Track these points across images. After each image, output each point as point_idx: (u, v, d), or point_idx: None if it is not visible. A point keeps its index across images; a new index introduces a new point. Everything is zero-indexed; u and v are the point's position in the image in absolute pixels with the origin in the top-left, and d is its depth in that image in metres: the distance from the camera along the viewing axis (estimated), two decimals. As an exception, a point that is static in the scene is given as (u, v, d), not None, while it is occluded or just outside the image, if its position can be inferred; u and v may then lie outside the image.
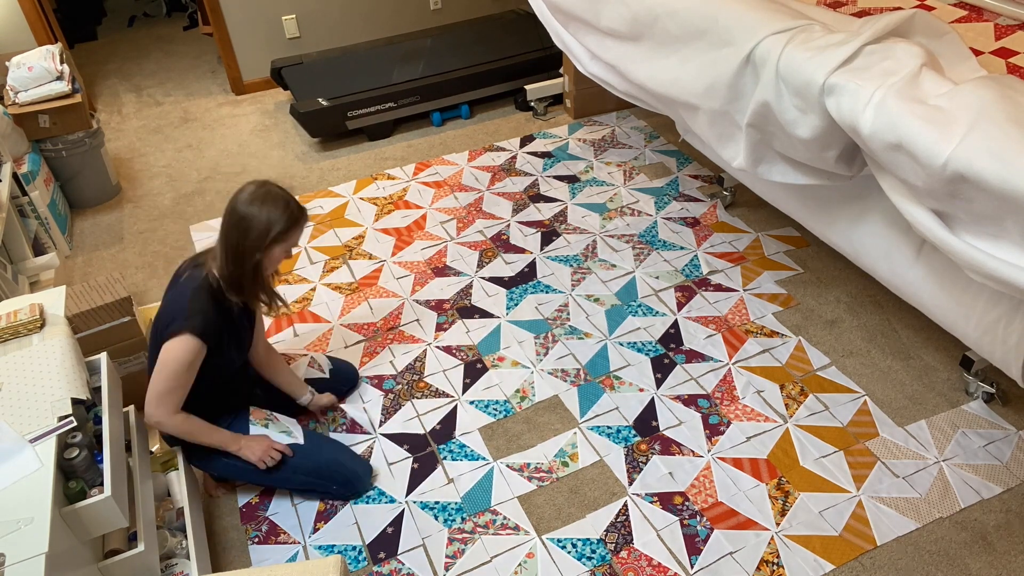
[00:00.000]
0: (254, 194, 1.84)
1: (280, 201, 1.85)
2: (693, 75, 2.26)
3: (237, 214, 1.83)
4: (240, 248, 1.85)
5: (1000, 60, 2.21)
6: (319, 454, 2.11)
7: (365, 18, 4.55)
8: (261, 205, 1.83)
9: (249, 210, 1.83)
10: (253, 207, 1.83)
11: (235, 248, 1.85)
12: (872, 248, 2.27)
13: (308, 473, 2.08)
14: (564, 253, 3.02)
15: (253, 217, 1.83)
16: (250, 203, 1.83)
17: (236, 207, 1.84)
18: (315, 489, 2.12)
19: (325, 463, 2.10)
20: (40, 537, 1.38)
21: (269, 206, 1.83)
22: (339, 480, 2.11)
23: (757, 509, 2.07)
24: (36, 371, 1.71)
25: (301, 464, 2.08)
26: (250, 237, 1.84)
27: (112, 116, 4.35)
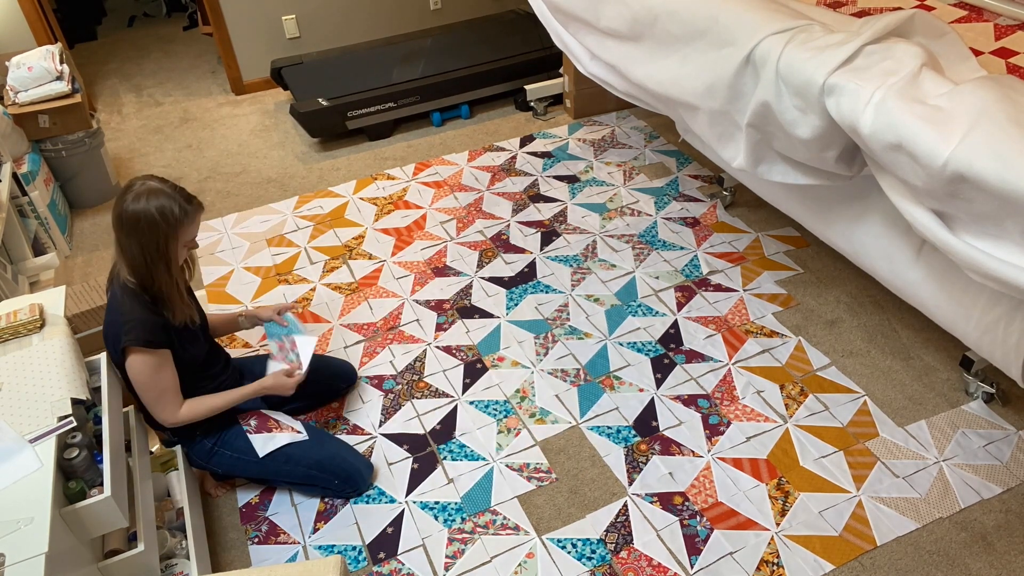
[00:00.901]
0: (138, 191, 1.76)
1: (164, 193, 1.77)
2: (693, 75, 2.26)
3: (127, 216, 1.75)
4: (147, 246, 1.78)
5: (1000, 60, 2.21)
6: (322, 448, 2.11)
7: (365, 18, 4.55)
8: (147, 201, 1.75)
9: (137, 208, 1.75)
10: (139, 204, 1.75)
11: (135, 252, 1.79)
12: (872, 248, 2.27)
13: (311, 466, 2.08)
14: (564, 253, 3.02)
15: (143, 215, 1.75)
16: (136, 201, 1.75)
17: (124, 209, 1.76)
18: (316, 484, 2.12)
19: (328, 457, 2.10)
20: (40, 537, 1.38)
21: (157, 200, 1.75)
22: (341, 475, 2.11)
23: (757, 509, 2.07)
24: (36, 371, 1.71)
25: (304, 457, 2.08)
26: (147, 237, 1.76)
27: (112, 116, 4.35)
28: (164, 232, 1.77)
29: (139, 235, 1.76)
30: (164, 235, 1.78)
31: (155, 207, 1.75)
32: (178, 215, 1.78)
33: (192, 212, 1.82)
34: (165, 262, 1.81)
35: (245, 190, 3.58)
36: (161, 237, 1.78)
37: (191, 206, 1.81)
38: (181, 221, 1.79)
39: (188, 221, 1.81)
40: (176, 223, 1.78)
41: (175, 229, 1.79)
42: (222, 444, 2.05)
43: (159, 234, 1.77)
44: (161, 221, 1.76)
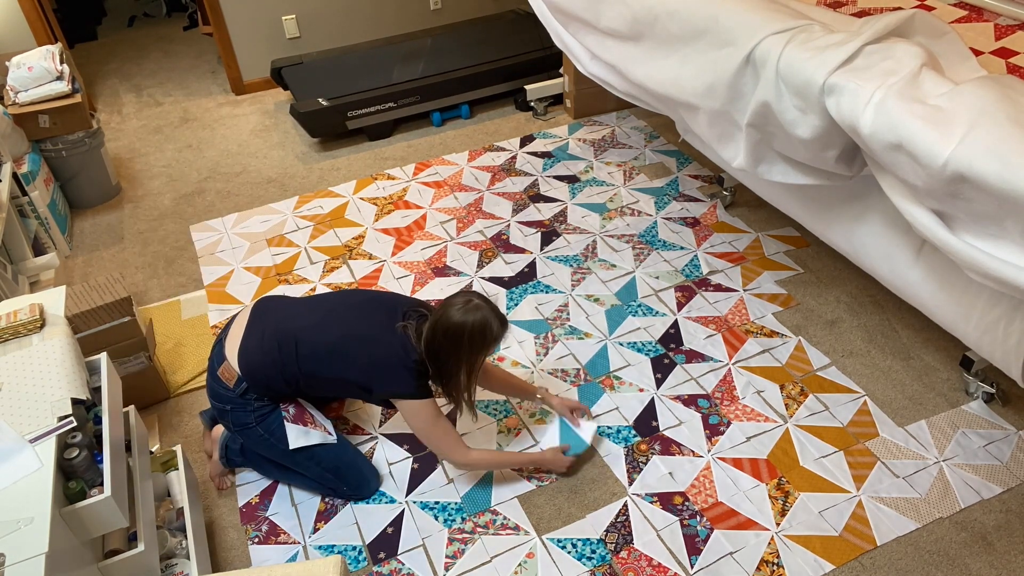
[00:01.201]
0: (466, 304, 1.90)
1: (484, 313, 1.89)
2: (693, 75, 2.26)
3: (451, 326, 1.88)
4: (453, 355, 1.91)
5: (1000, 60, 2.21)
6: (343, 453, 2.13)
7: (365, 18, 4.55)
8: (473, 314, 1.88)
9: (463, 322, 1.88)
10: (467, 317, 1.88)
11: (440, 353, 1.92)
12: (872, 248, 2.27)
13: (328, 468, 2.10)
14: (564, 253, 3.02)
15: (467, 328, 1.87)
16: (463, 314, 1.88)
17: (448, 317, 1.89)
18: (326, 484, 2.13)
19: (346, 464, 2.13)
20: (40, 537, 1.37)
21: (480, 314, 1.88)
22: (352, 482, 2.13)
23: (757, 509, 2.07)
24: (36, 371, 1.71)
25: (325, 458, 2.10)
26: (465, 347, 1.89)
27: (112, 116, 4.35)
28: (479, 346, 1.90)
29: (458, 341, 1.89)
30: (478, 348, 1.91)
31: (476, 321, 1.88)
32: (492, 334, 1.90)
33: (501, 336, 1.93)
34: (468, 368, 1.94)
35: (245, 190, 3.58)
36: (478, 348, 1.91)
37: (503, 329, 1.93)
38: (495, 340, 1.92)
39: (496, 342, 1.93)
40: (491, 341, 1.91)
41: (487, 346, 1.91)
42: (260, 422, 2.03)
43: (476, 345, 1.90)
44: (478, 336, 1.89)
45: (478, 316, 1.87)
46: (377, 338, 1.96)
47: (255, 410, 2.03)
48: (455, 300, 1.91)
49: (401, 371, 1.94)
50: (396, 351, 1.94)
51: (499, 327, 1.91)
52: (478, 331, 1.88)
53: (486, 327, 1.88)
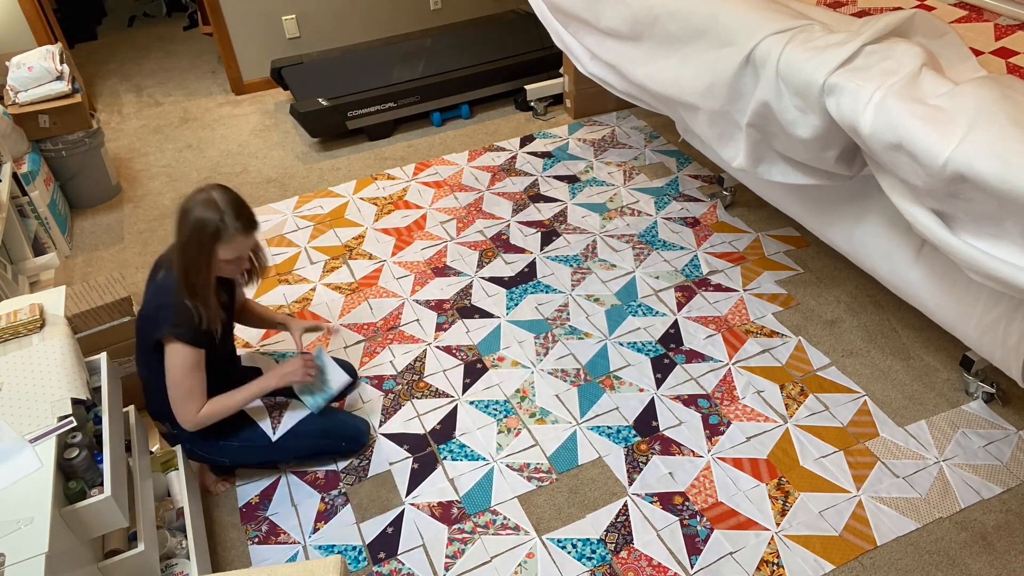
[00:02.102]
0: (197, 197, 1.82)
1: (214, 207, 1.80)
2: (693, 75, 2.26)
3: (180, 211, 1.82)
4: (188, 251, 1.83)
5: (1000, 60, 2.21)
6: (324, 417, 2.17)
7: (365, 18, 4.55)
8: (199, 208, 1.80)
9: (186, 208, 1.81)
10: (191, 205, 1.81)
11: (184, 251, 1.84)
12: (872, 248, 2.27)
13: (317, 436, 2.14)
14: (564, 253, 3.02)
15: (196, 219, 1.80)
16: (190, 201, 1.81)
17: (183, 204, 1.82)
18: (325, 451, 2.18)
19: (331, 423, 2.18)
20: (40, 537, 1.37)
21: (205, 211, 1.80)
22: (346, 435, 2.20)
23: (757, 509, 2.07)
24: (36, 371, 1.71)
25: (308, 429, 2.14)
26: (189, 239, 1.81)
27: (112, 116, 4.35)
28: (201, 241, 1.81)
29: (182, 235, 1.83)
30: (201, 244, 1.82)
31: (198, 216, 1.80)
32: (214, 231, 1.81)
33: (232, 233, 1.82)
34: (199, 267, 1.84)
35: (245, 190, 3.58)
36: (200, 244, 1.82)
37: (237, 223, 1.82)
38: (218, 238, 1.82)
39: (226, 240, 1.83)
40: (213, 238, 1.81)
41: (212, 242, 1.82)
42: (227, 437, 2.07)
43: (201, 240, 1.81)
44: (199, 231, 1.80)
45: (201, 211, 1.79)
46: (149, 296, 1.94)
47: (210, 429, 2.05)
48: (194, 193, 1.84)
49: (162, 313, 1.87)
50: (158, 294, 1.90)
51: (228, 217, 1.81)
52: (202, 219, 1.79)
53: (211, 216, 1.79)
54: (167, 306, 1.87)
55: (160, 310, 1.89)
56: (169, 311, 1.87)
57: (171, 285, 1.89)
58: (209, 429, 2.04)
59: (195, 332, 1.87)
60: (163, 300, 1.89)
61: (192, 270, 1.84)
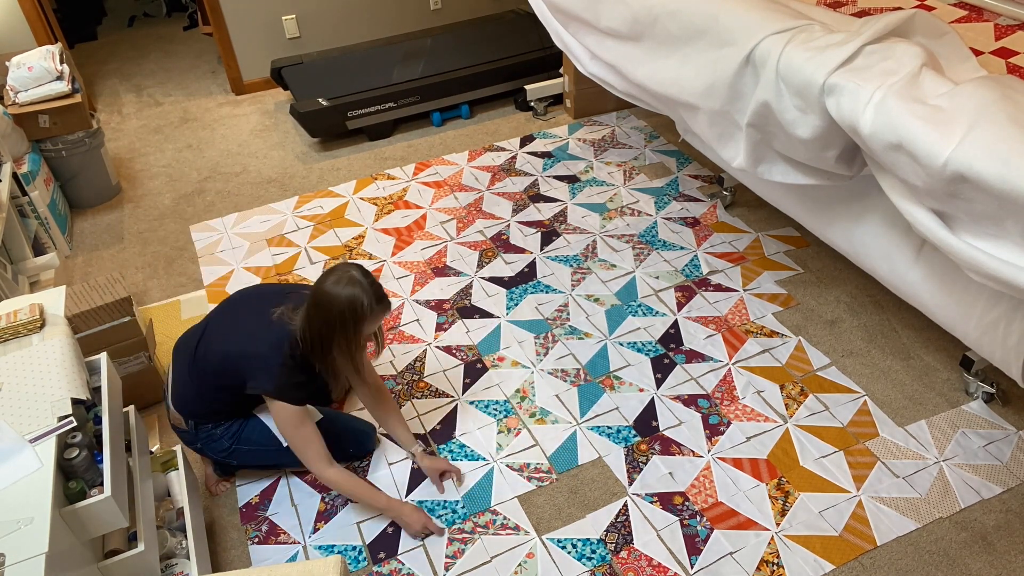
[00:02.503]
0: (340, 276, 1.83)
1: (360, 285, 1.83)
2: (693, 75, 2.26)
3: (322, 295, 1.83)
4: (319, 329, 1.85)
5: (1000, 60, 2.21)
6: (333, 423, 2.17)
7: (365, 18, 4.55)
8: (343, 287, 1.82)
9: (333, 292, 1.82)
10: (336, 289, 1.82)
11: (315, 327, 1.86)
12: (872, 248, 2.27)
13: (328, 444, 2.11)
14: (564, 253, 3.02)
15: (334, 301, 1.81)
16: (335, 285, 1.82)
17: (322, 287, 1.83)
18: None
19: (341, 430, 2.19)
20: (40, 537, 1.37)
21: (352, 289, 1.82)
22: (353, 442, 2.21)
23: (757, 509, 2.07)
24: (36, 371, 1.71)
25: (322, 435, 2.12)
26: (335, 321, 1.83)
27: (112, 116, 4.35)
28: (347, 321, 1.83)
29: (328, 314, 1.83)
30: (347, 323, 1.83)
31: (346, 296, 1.81)
32: (364, 309, 1.82)
33: (376, 313, 1.85)
34: (342, 345, 1.87)
35: (245, 190, 3.58)
36: (346, 324, 1.83)
37: (379, 306, 1.85)
38: (366, 317, 1.84)
39: (371, 318, 1.85)
40: (360, 317, 1.83)
41: (358, 322, 1.84)
42: (240, 442, 2.07)
43: (344, 320, 1.83)
44: (348, 311, 1.81)
45: (349, 291, 1.81)
46: (253, 333, 1.93)
47: (224, 435, 2.06)
48: (331, 272, 1.85)
49: (266, 365, 1.89)
50: (267, 343, 1.90)
51: (371, 303, 1.83)
52: (348, 305, 1.81)
53: (356, 302, 1.81)
54: (272, 360, 1.88)
55: (262, 360, 1.89)
56: (272, 366, 1.88)
57: (280, 341, 1.89)
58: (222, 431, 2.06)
59: (298, 392, 1.91)
60: (268, 351, 1.89)
61: (327, 345, 1.86)
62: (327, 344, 1.86)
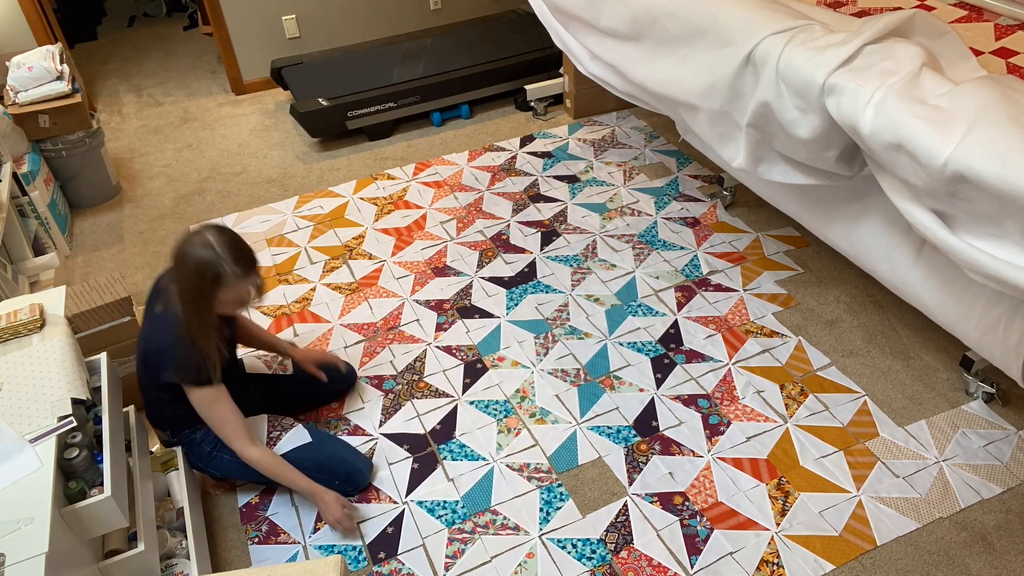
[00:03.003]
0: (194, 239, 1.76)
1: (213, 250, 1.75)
2: (693, 75, 2.26)
3: (176, 255, 1.76)
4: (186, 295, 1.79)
5: (1000, 60, 2.21)
6: (321, 449, 2.11)
7: (365, 18, 4.55)
8: (197, 250, 1.74)
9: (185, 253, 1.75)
10: (189, 249, 1.75)
11: (182, 294, 1.79)
12: (872, 248, 2.27)
13: (311, 468, 2.08)
14: (564, 253, 3.02)
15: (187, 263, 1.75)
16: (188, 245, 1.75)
17: (179, 247, 1.77)
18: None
19: (327, 458, 2.11)
20: (40, 537, 1.38)
21: (204, 252, 1.74)
22: (341, 475, 2.12)
23: (757, 509, 2.07)
24: (36, 371, 1.71)
25: (304, 459, 2.08)
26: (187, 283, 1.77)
27: (112, 116, 4.35)
28: (200, 286, 1.76)
29: (181, 279, 1.78)
30: (200, 288, 1.77)
31: (197, 260, 1.74)
32: (214, 276, 1.75)
33: (233, 279, 1.78)
34: (199, 310, 1.80)
35: (245, 190, 3.58)
36: (202, 290, 1.77)
37: (237, 268, 1.77)
38: (221, 280, 1.77)
39: (226, 285, 1.78)
40: (213, 284, 1.76)
41: (212, 287, 1.77)
42: (220, 448, 2.05)
43: (200, 286, 1.76)
44: (198, 275, 1.75)
45: (199, 254, 1.73)
46: (153, 324, 1.89)
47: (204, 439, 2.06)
48: (189, 235, 1.77)
49: (166, 351, 1.84)
50: (162, 330, 1.85)
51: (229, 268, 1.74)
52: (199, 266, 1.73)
53: (208, 267, 1.73)
54: (168, 347, 1.84)
55: (162, 352, 1.86)
56: (170, 353, 1.84)
57: (170, 323, 1.85)
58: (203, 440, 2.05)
59: (200, 372, 1.86)
60: (164, 341, 1.86)
61: (193, 314, 1.81)
62: (194, 311, 1.79)
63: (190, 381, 1.86)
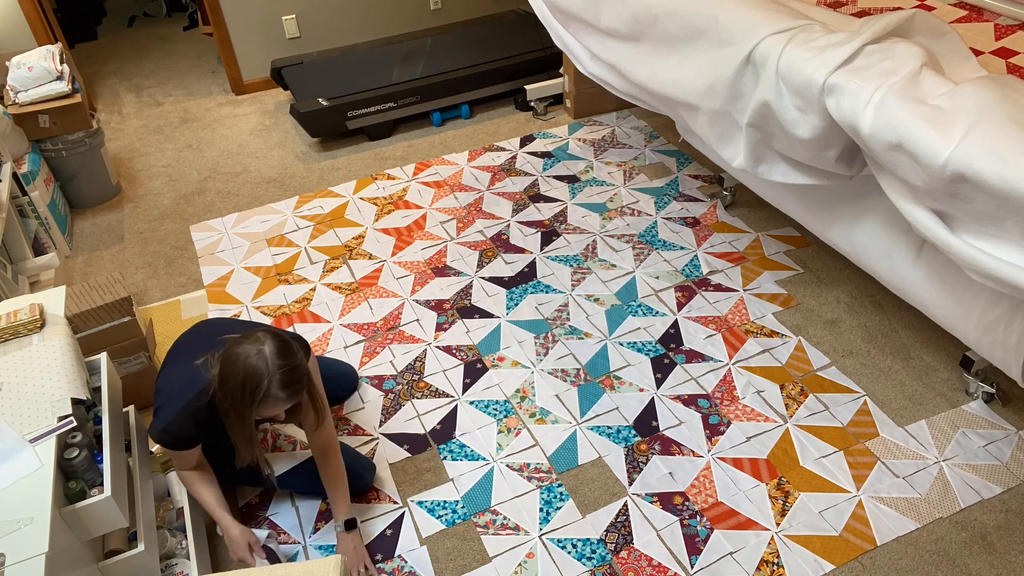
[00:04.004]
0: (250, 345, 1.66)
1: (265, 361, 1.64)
2: (693, 75, 2.26)
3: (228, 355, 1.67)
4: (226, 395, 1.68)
5: (1000, 60, 2.21)
6: None
7: (365, 18, 4.55)
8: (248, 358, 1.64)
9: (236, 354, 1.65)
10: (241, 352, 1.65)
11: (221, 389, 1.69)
12: (872, 248, 2.27)
13: (313, 477, 2.08)
14: (564, 253, 3.02)
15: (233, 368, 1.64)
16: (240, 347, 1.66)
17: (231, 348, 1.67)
18: (319, 491, 2.12)
19: None
20: (40, 537, 1.38)
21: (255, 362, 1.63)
22: None
23: (757, 509, 2.07)
24: (36, 371, 1.71)
25: (304, 468, 2.09)
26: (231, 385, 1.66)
27: (112, 116, 4.35)
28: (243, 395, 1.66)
29: (224, 378, 1.67)
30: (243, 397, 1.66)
31: (245, 369, 1.63)
32: (260, 392, 1.64)
33: (273, 402, 1.67)
34: (234, 418, 1.70)
35: (245, 190, 3.58)
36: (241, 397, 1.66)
37: (282, 393, 1.66)
38: (262, 399, 1.65)
39: (269, 403, 1.67)
40: (254, 397, 1.65)
41: (252, 399, 1.65)
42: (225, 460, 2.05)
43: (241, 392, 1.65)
44: (242, 385, 1.64)
45: (252, 364, 1.63)
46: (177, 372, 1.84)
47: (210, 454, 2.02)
48: (251, 334, 1.67)
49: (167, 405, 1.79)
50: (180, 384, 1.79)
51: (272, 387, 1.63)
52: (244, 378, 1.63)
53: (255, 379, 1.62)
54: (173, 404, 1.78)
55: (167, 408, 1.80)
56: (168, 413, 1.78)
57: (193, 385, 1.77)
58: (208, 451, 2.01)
59: (178, 442, 1.79)
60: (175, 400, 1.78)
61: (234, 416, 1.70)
62: (223, 408, 1.70)
63: (162, 442, 1.79)
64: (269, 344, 1.66)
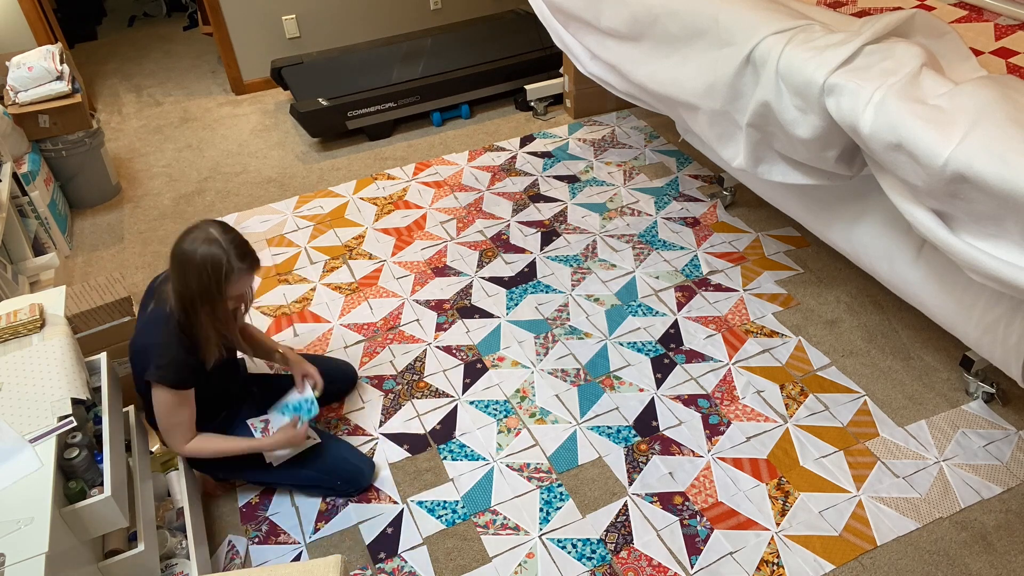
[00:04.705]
0: (196, 235, 1.75)
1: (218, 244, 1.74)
2: (693, 75, 2.26)
3: (178, 254, 1.75)
4: (190, 291, 1.77)
5: (1000, 60, 2.21)
6: (326, 451, 2.12)
7: (365, 18, 4.55)
8: (200, 246, 1.73)
9: (188, 251, 1.74)
10: (192, 247, 1.73)
11: (182, 289, 1.78)
12: (872, 248, 2.27)
13: (314, 469, 2.09)
14: (564, 253, 3.02)
15: (192, 260, 1.73)
16: (191, 243, 1.74)
17: (179, 246, 1.75)
18: (320, 485, 2.13)
19: (331, 459, 2.11)
20: (40, 537, 1.38)
21: (208, 248, 1.73)
22: (343, 476, 2.12)
23: (757, 509, 2.07)
24: (36, 371, 1.71)
25: (308, 461, 2.09)
26: (194, 281, 1.75)
27: (112, 116, 4.35)
28: (208, 282, 1.75)
29: (186, 276, 1.76)
30: (208, 285, 1.75)
31: (203, 255, 1.73)
32: (224, 270, 1.74)
33: (240, 271, 1.78)
34: (208, 308, 1.80)
35: (245, 190, 3.58)
36: (207, 286, 1.75)
37: (243, 264, 1.77)
38: (228, 277, 1.76)
39: (235, 278, 1.77)
40: (222, 277, 1.75)
41: (220, 283, 1.76)
42: None
43: (204, 282, 1.75)
44: (206, 271, 1.73)
45: (205, 249, 1.72)
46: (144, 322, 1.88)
47: None
48: (188, 231, 1.76)
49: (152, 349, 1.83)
50: (151, 328, 1.84)
51: (233, 261, 1.74)
52: (204, 265, 1.72)
53: (214, 261, 1.72)
54: (154, 345, 1.84)
55: (144, 350, 1.86)
56: (155, 350, 1.83)
57: (160, 322, 1.84)
58: None
59: (179, 373, 1.85)
60: (150, 339, 1.85)
61: (195, 307, 1.79)
62: (193, 309, 1.78)
63: (164, 380, 1.83)
64: (211, 227, 1.75)
